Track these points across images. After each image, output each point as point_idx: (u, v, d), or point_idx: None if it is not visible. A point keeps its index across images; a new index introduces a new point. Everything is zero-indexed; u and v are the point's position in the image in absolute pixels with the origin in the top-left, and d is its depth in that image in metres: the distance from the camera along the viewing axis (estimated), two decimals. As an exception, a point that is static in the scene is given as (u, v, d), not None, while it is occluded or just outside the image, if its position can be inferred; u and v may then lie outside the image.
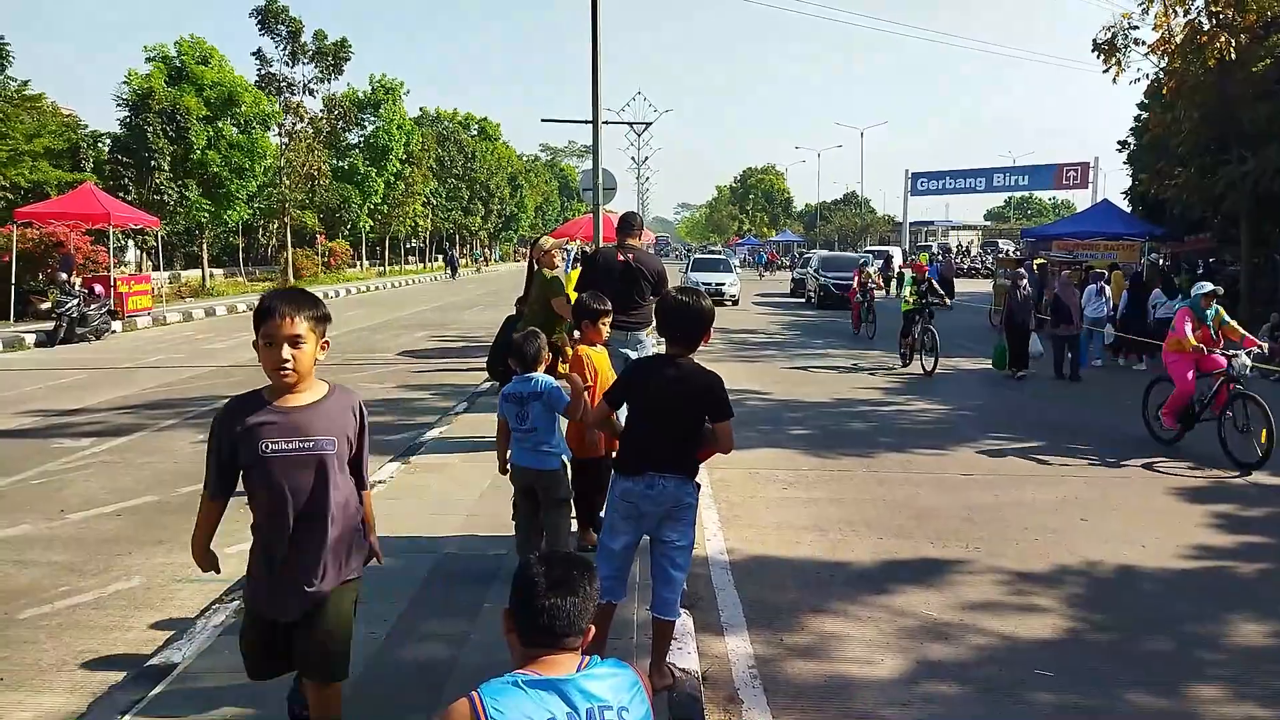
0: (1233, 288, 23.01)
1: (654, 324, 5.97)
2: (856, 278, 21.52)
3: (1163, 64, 20.66)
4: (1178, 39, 19.65)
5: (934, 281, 16.32)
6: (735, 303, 29.44)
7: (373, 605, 4.60)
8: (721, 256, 36.68)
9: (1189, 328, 9.28)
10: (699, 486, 3.96)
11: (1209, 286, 9.65)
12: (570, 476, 5.13)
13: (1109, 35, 21.10)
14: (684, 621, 4.51)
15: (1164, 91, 20.92)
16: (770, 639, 4.77)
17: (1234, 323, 9.48)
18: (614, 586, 3.88)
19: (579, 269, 15.45)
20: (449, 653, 4.35)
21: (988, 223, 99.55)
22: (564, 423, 4.92)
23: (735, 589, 5.44)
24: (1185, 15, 19.73)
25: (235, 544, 6.18)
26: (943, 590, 5.50)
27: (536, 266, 8.10)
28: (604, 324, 5.48)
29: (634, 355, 6.79)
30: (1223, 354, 9.14)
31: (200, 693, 3.94)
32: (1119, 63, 20.98)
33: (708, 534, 6.41)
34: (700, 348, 3.99)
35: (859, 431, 10.22)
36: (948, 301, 17.73)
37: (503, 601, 2.11)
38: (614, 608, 4.00)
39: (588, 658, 2.09)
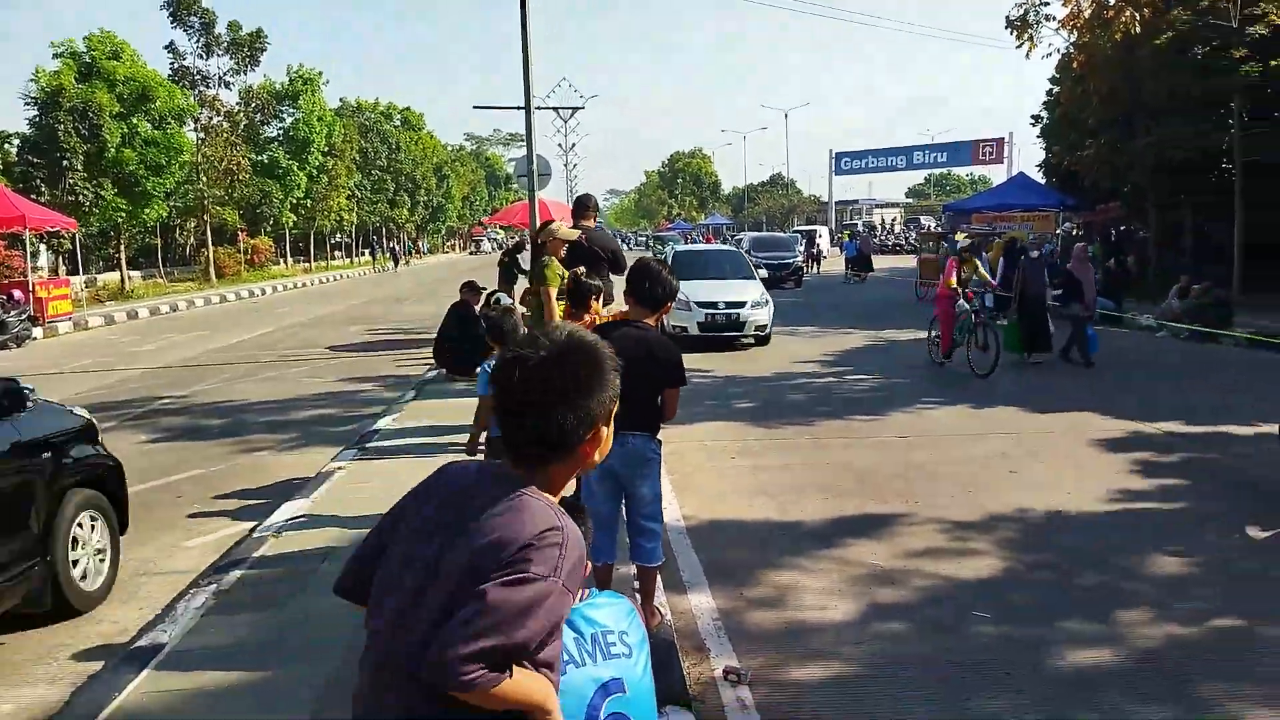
0: (1144, 253, 24.19)
1: (613, 300, 6.22)
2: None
3: (1072, 39, 21.48)
4: (1085, 14, 20.46)
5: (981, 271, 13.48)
6: (765, 339, 15.22)
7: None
8: (725, 248, 21.85)
9: (954, 275, 12.36)
10: (660, 443, 4.23)
11: (965, 241, 13.00)
12: None
13: (1021, 11, 21.83)
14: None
15: (1074, 66, 21.77)
16: (731, 593, 5.03)
17: (983, 270, 13.40)
18: (607, 547, 4.18)
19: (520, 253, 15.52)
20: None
21: (909, 200, 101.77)
22: None
23: (694, 551, 5.69)
24: (1091, -9, 20.55)
25: (196, 537, 6.25)
26: (887, 541, 5.82)
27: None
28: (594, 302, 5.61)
29: None
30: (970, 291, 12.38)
31: (194, 668, 4.04)
32: (1031, 38, 21.67)
33: (664, 502, 6.63)
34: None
35: (799, 402, 10.57)
36: (864, 277, 18.02)
37: None
38: (611, 568, 4.31)
39: (587, 590, 2.28)
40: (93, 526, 5.12)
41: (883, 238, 61.33)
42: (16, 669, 4.37)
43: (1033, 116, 31.91)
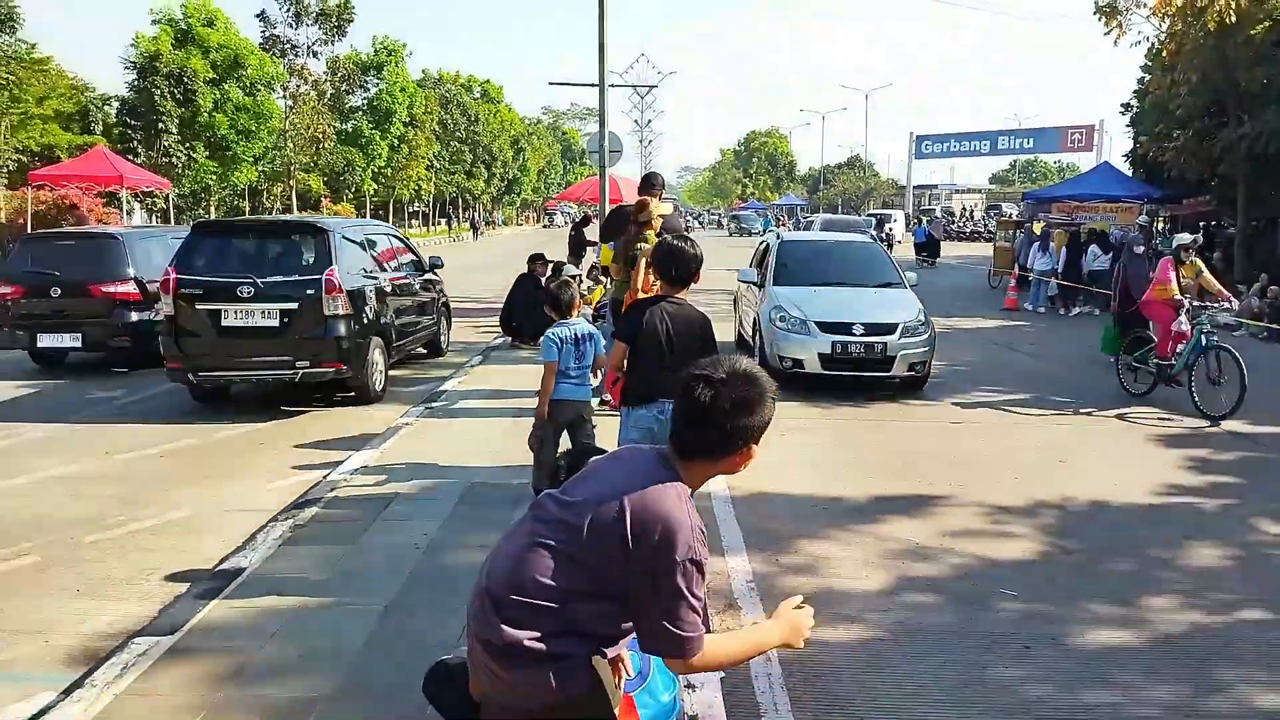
0: (1230, 250, 23.42)
1: None
2: None
3: (1163, 27, 20.84)
4: (1178, 2, 19.83)
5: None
6: (921, 380, 10.23)
7: (413, 523, 5.13)
8: (856, 239, 15.39)
9: (1173, 275, 9.66)
10: None
11: (1188, 238, 10.05)
12: None
13: (1110, -2, 21.27)
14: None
15: (1163, 54, 21.13)
16: (767, 559, 5.27)
17: (1209, 275, 9.90)
18: None
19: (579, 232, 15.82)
20: (484, 556, 4.86)
21: (992, 186, 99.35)
22: None
23: (736, 520, 5.93)
24: (1186, -23, 19.89)
25: (277, 480, 6.72)
26: (927, 520, 5.99)
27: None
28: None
29: None
30: (1199, 306, 9.61)
31: (269, 591, 4.48)
32: (1120, 25, 21.14)
33: (711, 472, 6.90)
34: (702, 306, 4.58)
35: (855, 386, 10.67)
36: (933, 262, 17.86)
37: None
38: None
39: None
40: (447, 320, 12.40)
41: (961, 224, 60.10)
42: (113, 585, 4.86)
43: (1122, 105, 31.02)
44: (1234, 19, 18.52)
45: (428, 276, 11.50)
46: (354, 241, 9.54)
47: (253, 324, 8.39)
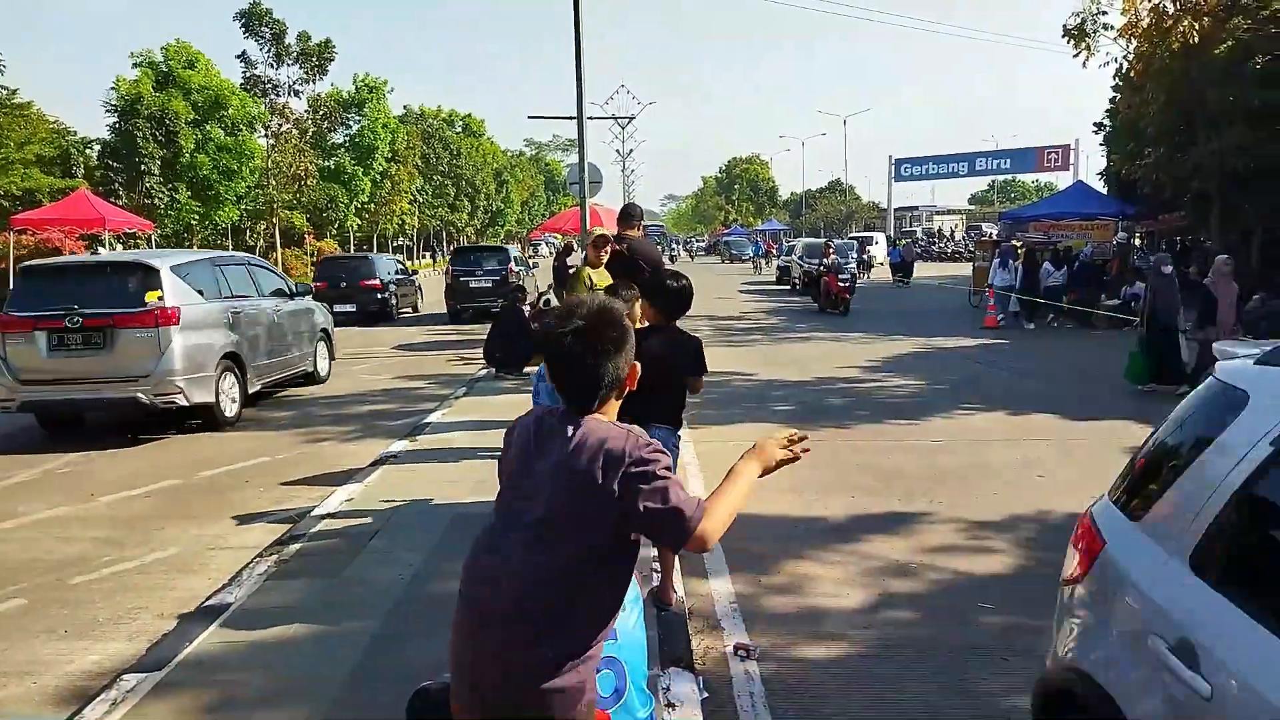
0: (1205, 264, 23.76)
1: None
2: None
3: (1131, 48, 21.29)
4: (1144, 23, 20.28)
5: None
6: None
7: (398, 555, 5.18)
8: None
9: None
10: (680, 436, 4.62)
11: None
12: None
13: (1078, 20, 21.73)
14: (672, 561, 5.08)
15: (1131, 75, 21.58)
16: (749, 580, 5.35)
17: None
18: None
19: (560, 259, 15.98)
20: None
21: (972, 206, 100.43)
22: None
23: (719, 542, 6.00)
24: (1150, 0, 20.37)
25: (262, 519, 6.73)
26: (906, 537, 6.08)
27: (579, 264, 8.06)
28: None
29: None
30: None
31: (256, 625, 4.52)
32: (1089, 47, 21.60)
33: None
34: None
35: (838, 406, 10.79)
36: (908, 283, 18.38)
37: None
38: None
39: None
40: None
41: (942, 245, 60.72)
42: (99, 626, 4.88)
43: (1095, 124, 31.60)
44: (1197, 39, 18.97)
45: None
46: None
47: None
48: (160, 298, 9.16)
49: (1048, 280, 19.86)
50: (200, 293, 9.76)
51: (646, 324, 5.05)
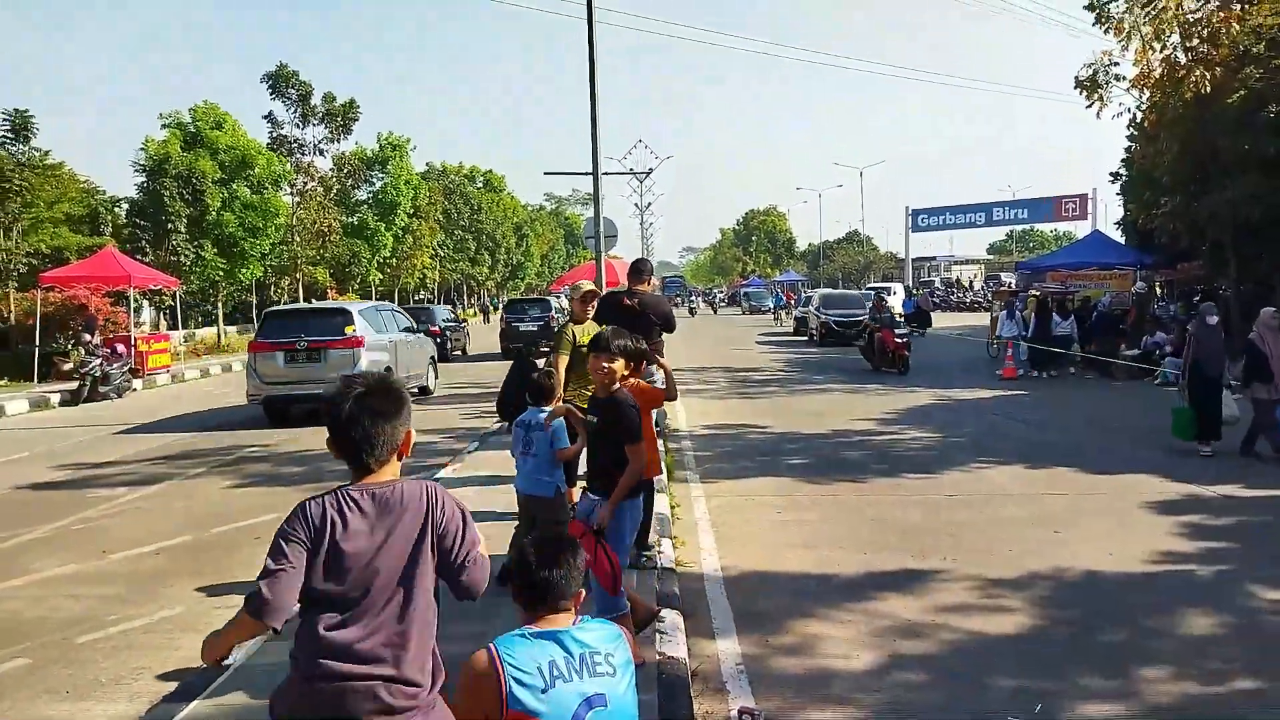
0: (1226, 312, 23.56)
1: (662, 357, 6.63)
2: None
3: (1144, 98, 21.38)
4: (1156, 74, 20.39)
5: None
6: None
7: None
8: None
9: None
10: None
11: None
12: None
13: (1090, 72, 21.87)
14: (675, 618, 5.02)
15: (1145, 125, 21.64)
16: (757, 640, 5.26)
17: None
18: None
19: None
20: (470, 648, 4.85)
21: (990, 256, 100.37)
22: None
23: (727, 600, 5.93)
24: (1162, 50, 20.50)
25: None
26: (919, 596, 5.97)
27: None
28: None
29: None
30: None
31: (255, 684, 4.47)
32: (1101, 98, 21.72)
33: (704, 553, 6.92)
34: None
35: (853, 460, 10.69)
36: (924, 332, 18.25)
37: (512, 605, 2.63)
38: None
39: (580, 616, 2.62)
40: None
41: (960, 295, 60.61)
42: (102, 686, 4.86)
43: (1111, 173, 31.57)
44: (1209, 89, 19.04)
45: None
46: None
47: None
48: (354, 330, 14.25)
49: (1056, 330, 19.92)
50: (372, 328, 14.86)
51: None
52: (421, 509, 2.49)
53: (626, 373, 4.80)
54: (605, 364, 4.46)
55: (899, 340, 20.14)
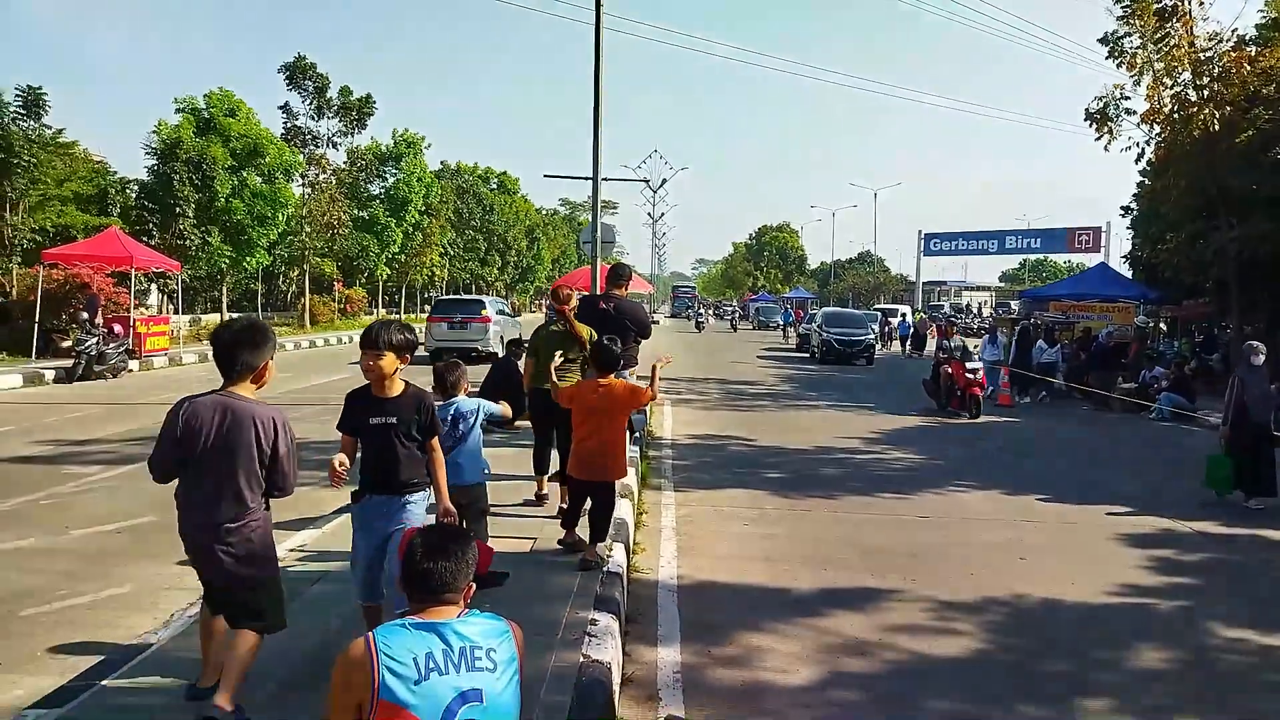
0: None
1: (635, 364, 6.67)
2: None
3: (1153, 133, 21.32)
4: (1166, 109, 20.34)
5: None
6: None
7: (333, 603, 5.11)
8: None
9: None
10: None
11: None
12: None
13: (1100, 105, 21.84)
14: (608, 622, 4.96)
15: (1153, 159, 21.58)
16: (699, 650, 5.20)
17: None
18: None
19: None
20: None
21: (1002, 284, 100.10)
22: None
23: (677, 609, 5.88)
24: (1173, 87, 20.45)
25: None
26: (871, 614, 5.91)
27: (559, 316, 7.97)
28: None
29: None
30: None
31: (171, 665, 4.45)
32: (1110, 131, 21.67)
33: (662, 561, 6.87)
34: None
35: (830, 476, 10.63)
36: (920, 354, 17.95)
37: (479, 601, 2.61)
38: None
39: (467, 609, 2.57)
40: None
41: (967, 320, 60.47)
42: (35, 660, 4.83)
43: (1122, 207, 31.49)
44: (1218, 128, 18.99)
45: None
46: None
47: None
48: (486, 312, 24.33)
49: (1041, 357, 20.16)
50: (493, 311, 24.85)
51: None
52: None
53: (401, 365, 4.77)
54: (372, 361, 4.49)
55: (970, 376, 16.29)
